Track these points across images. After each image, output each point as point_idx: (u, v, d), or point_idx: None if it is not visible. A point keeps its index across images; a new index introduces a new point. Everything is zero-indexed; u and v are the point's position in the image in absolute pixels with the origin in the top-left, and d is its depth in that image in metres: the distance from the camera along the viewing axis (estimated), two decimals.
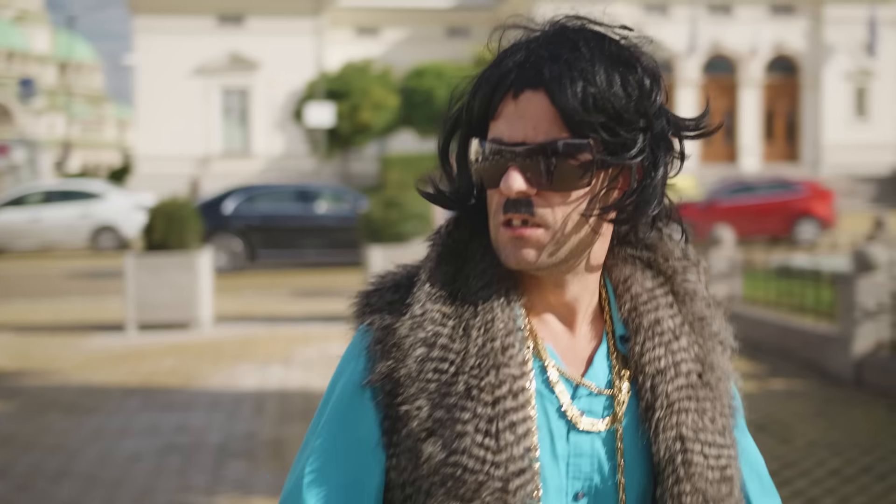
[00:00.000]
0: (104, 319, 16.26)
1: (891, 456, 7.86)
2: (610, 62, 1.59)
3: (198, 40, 54.59)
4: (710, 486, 1.66)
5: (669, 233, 1.78)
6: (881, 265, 10.42)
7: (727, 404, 1.72)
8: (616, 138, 1.58)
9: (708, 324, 1.74)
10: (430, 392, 1.60)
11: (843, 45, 53.95)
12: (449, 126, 1.72)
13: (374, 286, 1.74)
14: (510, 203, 1.60)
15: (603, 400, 1.69)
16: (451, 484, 1.58)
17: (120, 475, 7.72)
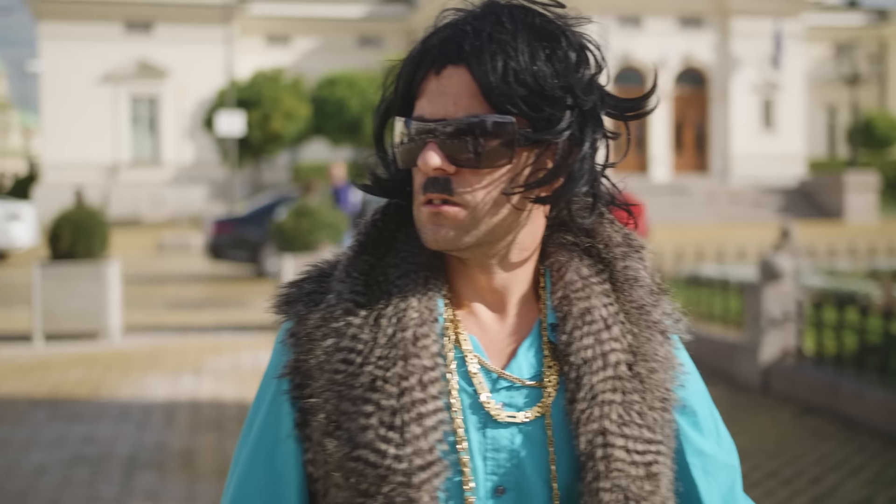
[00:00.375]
0: (9, 330, 15.98)
1: (796, 461, 7.99)
2: (534, 36, 1.54)
3: (105, 47, 54.00)
4: (633, 483, 1.59)
5: (612, 218, 1.72)
6: (787, 274, 10.60)
7: (660, 397, 1.65)
8: (539, 114, 1.53)
9: (647, 312, 1.68)
10: (338, 384, 1.56)
11: (750, 57, 54.88)
12: (382, 110, 1.66)
13: (296, 277, 1.71)
14: (429, 182, 1.56)
15: (526, 391, 1.63)
16: (353, 479, 1.54)
17: (26, 487, 7.59)
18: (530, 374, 1.64)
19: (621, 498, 1.58)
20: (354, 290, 1.61)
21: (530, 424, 1.62)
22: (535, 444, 1.62)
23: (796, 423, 9.23)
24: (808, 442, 8.55)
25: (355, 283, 1.62)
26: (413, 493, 1.52)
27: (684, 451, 1.71)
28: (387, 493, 1.52)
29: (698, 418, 1.74)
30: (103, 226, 15.33)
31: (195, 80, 53.65)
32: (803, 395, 9.89)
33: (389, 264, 1.63)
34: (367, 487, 1.53)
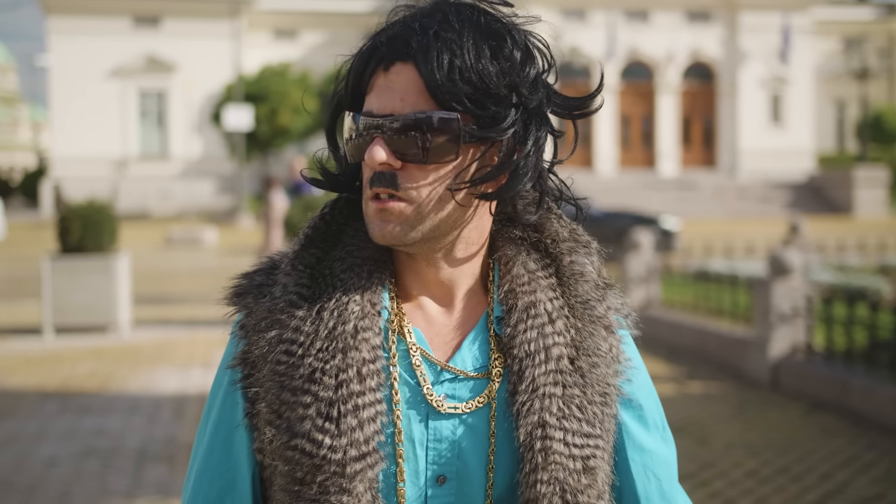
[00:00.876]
0: (19, 323, 16.02)
1: (806, 457, 7.98)
2: (480, 35, 1.57)
3: (113, 42, 54.03)
4: (570, 475, 1.61)
5: (560, 214, 1.76)
6: (796, 269, 10.58)
7: (600, 391, 1.67)
8: (484, 111, 1.56)
9: (591, 307, 1.70)
10: (280, 374, 1.60)
11: (758, 51, 54.81)
12: (334, 105, 1.70)
13: (248, 269, 1.75)
14: (376, 176, 1.58)
15: (470, 384, 1.65)
16: (288, 468, 1.58)
17: (36, 480, 7.61)
18: (474, 367, 1.66)
19: (558, 490, 1.61)
20: (299, 282, 1.64)
21: (472, 415, 1.64)
22: (478, 434, 1.64)
23: (806, 419, 9.22)
24: (818, 438, 8.55)
25: (300, 275, 1.65)
26: (346, 483, 1.56)
27: (625, 446, 1.73)
28: (321, 482, 1.57)
29: (644, 412, 1.75)
30: (112, 220, 15.34)
31: (203, 74, 53.68)
32: (813, 390, 9.88)
33: (336, 258, 1.67)
34: (302, 476, 1.57)
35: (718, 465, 7.74)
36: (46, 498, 7.20)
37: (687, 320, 13.16)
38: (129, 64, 54.57)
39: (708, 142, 56.01)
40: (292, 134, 47.82)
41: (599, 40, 52.05)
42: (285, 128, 47.05)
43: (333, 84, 1.71)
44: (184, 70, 54.52)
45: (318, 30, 57.74)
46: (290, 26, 57.64)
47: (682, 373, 11.32)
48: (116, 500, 7.19)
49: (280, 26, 57.53)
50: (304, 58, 55.43)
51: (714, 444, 8.30)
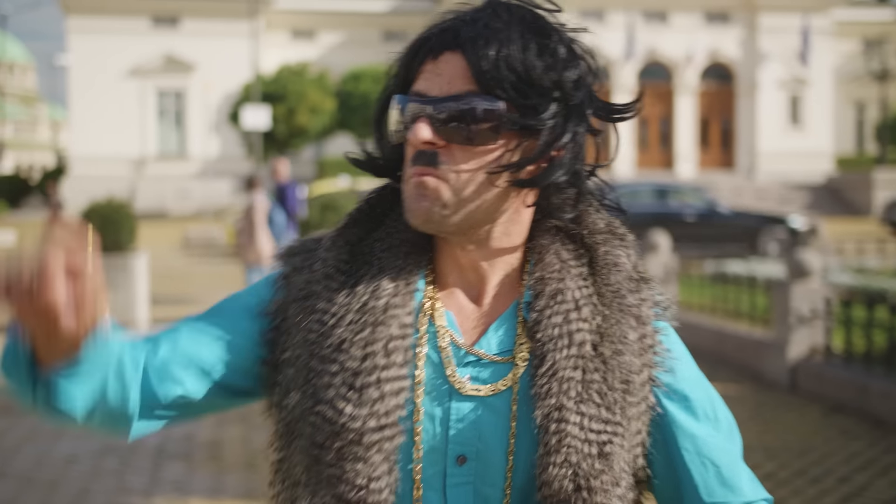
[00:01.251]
0: None
1: (824, 459, 7.96)
2: (527, 30, 1.63)
3: (132, 41, 54.18)
4: (584, 459, 1.62)
5: (598, 208, 1.79)
6: (815, 271, 10.56)
7: (622, 379, 1.68)
8: (526, 101, 1.61)
9: (622, 296, 1.72)
10: (310, 343, 1.66)
11: (777, 53, 54.66)
12: (383, 97, 1.75)
13: (302, 238, 1.82)
14: (418, 154, 1.64)
15: (494, 367, 1.69)
16: (310, 431, 1.63)
17: (56, 476, 7.64)
18: (498, 351, 1.70)
19: (570, 474, 1.62)
20: (339, 257, 1.71)
21: (494, 398, 1.68)
22: (499, 417, 1.67)
23: (824, 421, 9.20)
24: (837, 441, 8.52)
25: (340, 251, 1.72)
26: (362, 452, 1.60)
27: (675, 437, 1.75)
28: (337, 448, 1.61)
29: (691, 402, 1.76)
30: (131, 219, 15.41)
31: (221, 74, 53.78)
32: (832, 393, 9.85)
33: (376, 238, 1.73)
34: (322, 440, 1.62)
35: None
36: (66, 494, 7.23)
37: (705, 322, 13.12)
38: (147, 63, 54.73)
39: (726, 143, 55.89)
40: (310, 134, 47.87)
41: (618, 41, 52.01)
42: (303, 128, 47.10)
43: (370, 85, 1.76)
44: (202, 70, 54.64)
45: (337, 30, 57.79)
46: (308, 26, 57.72)
47: None
48: (134, 497, 7.21)
49: (298, 26, 57.60)
50: (322, 58, 55.49)
51: None
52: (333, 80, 48.75)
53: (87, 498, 7.17)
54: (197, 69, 54.81)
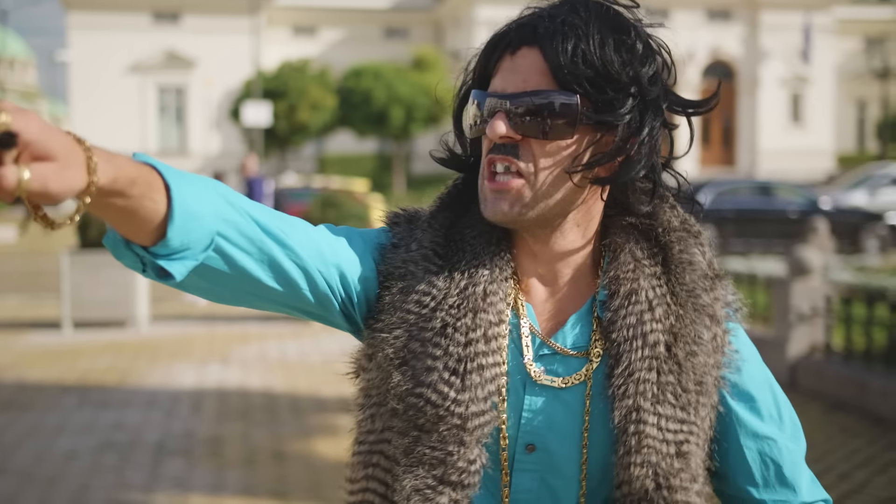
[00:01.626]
0: (39, 317, 16.08)
1: (824, 457, 7.96)
2: (605, 25, 1.65)
3: (133, 37, 54.15)
4: (663, 459, 1.66)
5: (673, 204, 1.80)
6: (816, 269, 10.55)
7: (696, 379, 1.71)
8: (603, 96, 1.63)
9: (697, 296, 1.74)
10: (410, 324, 1.67)
11: (779, 50, 54.58)
12: (462, 92, 1.77)
13: (403, 210, 1.82)
14: (495, 147, 1.65)
15: (568, 360, 1.72)
16: (412, 413, 1.65)
17: (56, 472, 7.64)
18: (574, 345, 1.73)
19: (650, 473, 1.66)
20: (434, 240, 1.72)
21: (567, 391, 1.71)
22: (571, 410, 1.71)
23: (824, 418, 9.19)
24: (837, 438, 8.52)
25: (436, 234, 1.73)
26: (466, 437, 1.64)
27: (738, 435, 1.79)
28: (441, 432, 1.64)
29: (756, 403, 1.80)
30: None
31: (222, 70, 53.76)
32: (831, 390, 9.85)
33: (465, 225, 1.74)
34: (424, 422, 1.64)
35: None
36: (66, 490, 7.23)
37: None
38: (148, 59, 54.70)
39: (727, 141, 55.84)
40: (311, 130, 47.82)
41: None
42: (304, 124, 47.05)
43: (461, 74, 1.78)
44: (203, 66, 54.61)
45: (338, 26, 57.76)
46: (309, 23, 57.68)
47: None
48: (134, 493, 7.21)
49: (299, 23, 57.57)
50: (324, 54, 55.45)
51: None
52: (334, 77, 48.69)
53: (87, 494, 7.17)
54: (198, 65, 54.78)
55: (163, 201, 1.43)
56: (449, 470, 1.64)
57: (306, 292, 1.67)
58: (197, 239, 1.49)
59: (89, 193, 1.30)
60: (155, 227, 1.44)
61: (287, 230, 1.62)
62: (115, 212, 1.39)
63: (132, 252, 1.47)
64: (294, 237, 1.63)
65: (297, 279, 1.64)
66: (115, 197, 1.37)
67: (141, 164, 1.42)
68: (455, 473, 1.64)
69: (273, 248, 1.60)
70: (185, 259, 1.49)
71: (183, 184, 1.46)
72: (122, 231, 1.44)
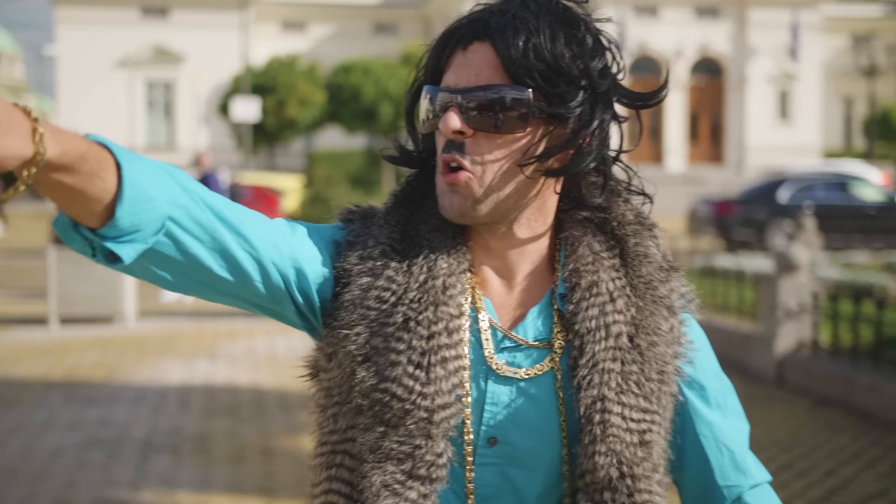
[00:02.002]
0: (26, 313, 16.04)
1: (811, 453, 7.98)
2: (555, 19, 1.66)
3: (121, 32, 54.02)
4: (627, 448, 1.68)
5: (627, 198, 1.81)
6: (803, 266, 10.57)
7: (658, 369, 1.73)
8: (555, 89, 1.65)
9: (654, 287, 1.76)
10: (371, 320, 1.67)
11: (767, 48, 54.68)
12: (414, 88, 1.78)
13: (356, 207, 1.82)
14: (448, 143, 1.66)
15: (531, 353, 1.73)
16: (378, 409, 1.65)
17: (42, 469, 7.62)
18: (536, 338, 1.74)
19: (615, 462, 1.68)
20: (391, 235, 1.72)
21: (531, 383, 1.72)
22: (536, 402, 1.72)
23: (811, 415, 9.21)
24: (823, 434, 8.54)
25: (392, 229, 1.73)
26: (433, 430, 1.64)
27: (694, 423, 1.82)
28: (408, 426, 1.64)
29: (707, 391, 1.82)
30: None
31: (211, 65, 53.67)
32: (818, 387, 9.87)
33: (420, 220, 1.74)
34: (390, 417, 1.64)
35: None
36: (51, 488, 7.21)
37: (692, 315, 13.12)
38: (136, 54, 54.58)
39: (715, 137, 55.92)
40: (299, 126, 47.76)
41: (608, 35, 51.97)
42: (293, 120, 46.98)
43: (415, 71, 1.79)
44: (192, 61, 54.51)
45: (327, 22, 57.70)
46: (298, 18, 57.61)
47: None
48: (121, 490, 7.19)
49: (288, 18, 57.50)
50: (312, 50, 55.39)
51: None
52: (323, 73, 48.63)
53: (73, 491, 7.15)
54: (186, 60, 54.68)
55: (113, 181, 1.43)
56: (417, 464, 1.64)
57: (258, 284, 1.66)
58: (147, 221, 1.48)
59: (35, 164, 1.31)
60: (104, 207, 1.43)
61: (242, 220, 1.62)
62: (64, 190, 1.39)
63: (81, 235, 1.48)
64: (249, 227, 1.62)
65: (249, 270, 1.63)
66: (64, 173, 1.37)
67: (92, 143, 1.43)
68: (423, 467, 1.64)
69: (226, 237, 1.59)
70: (134, 242, 1.48)
71: (135, 164, 1.47)
72: (71, 212, 1.44)
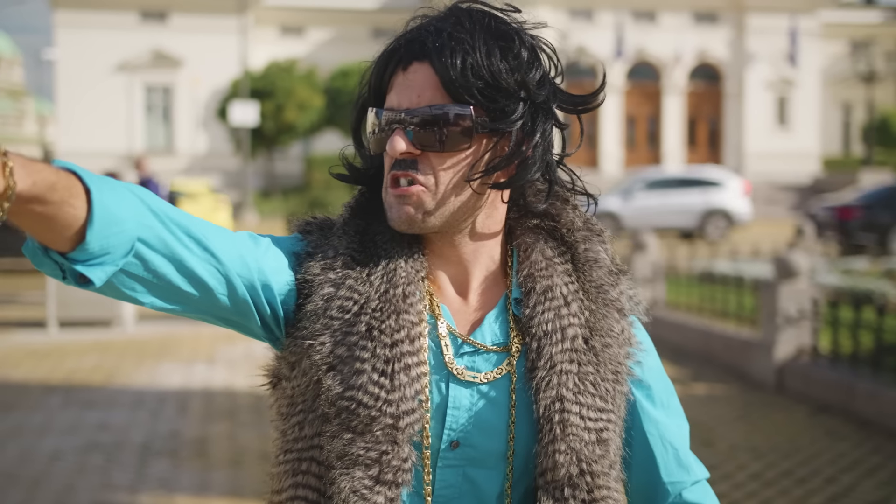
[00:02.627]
0: (24, 316, 16.03)
1: (811, 460, 7.97)
2: (490, 36, 1.71)
3: (120, 36, 54.00)
4: (586, 446, 1.74)
5: (575, 205, 1.87)
6: (803, 272, 10.57)
7: (612, 370, 1.79)
8: (495, 105, 1.69)
9: (605, 291, 1.82)
10: (334, 329, 1.71)
11: (766, 54, 54.69)
12: (359, 106, 1.84)
13: (313, 218, 1.85)
14: (396, 162, 1.71)
15: (489, 357, 1.78)
16: (344, 416, 1.69)
17: (40, 473, 7.61)
18: (494, 342, 1.79)
19: (574, 459, 1.74)
20: (350, 245, 1.76)
21: (490, 386, 1.77)
22: (495, 405, 1.77)
23: (811, 422, 9.20)
24: (823, 441, 8.53)
25: (351, 240, 1.77)
26: (399, 435, 1.68)
27: (641, 421, 1.88)
28: (375, 433, 1.68)
29: (652, 391, 1.89)
30: None
31: (209, 69, 53.65)
32: (818, 394, 9.86)
33: (377, 231, 1.78)
34: (356, 424, 1.68)
35: (723, 467, 7.72)
36: (50, 491, 7.20)
37: (692, 321, 13.14)
38: (135, 58, 54.55)
39: (713, 143, 55.92)
40: (298, 130, 47.81)
41: (607, 40, 51.98)
42: (291, 124, 47.02)
43: (358, 83, 1.86)
44: (190, 65, 54.49)
45: (325, 26, 57.67)
46: (296, 23, 57.58)
47: (687, 374, 11.30)
48: (120, 494, 7.18)
49: (287, 23, 57.47)
50: (311, 54, 55.36)
51: (719, 447, 8.29)
52: (322, 77, 48.66)
53: (72, 495, 7.14)
54: (185, 64, 54.66)
55: (83, 207, 1.46)
56: (384, 469, 1.68)
57: (225, 298, 1.69)
58: (117, 244, 1.51)
59: (6, 198, 1.34)
60: (74, 232, 1.47)
61: (208, 235, 1.65)
62: (34, 218, 1.43)
63: (51, 259, 1.51)
64: (215, 243, 1.66)
65: (215, 285, 1.66)
66: (34, 203, 1.40)
67: (61, 170, 1.45)
68: (390, 472, 1.68)
69: (194, 254, 1.63)
70: (104, 265, 1.52)
71: (104, 189, 1.49)
72: (41, 238, 1.48)
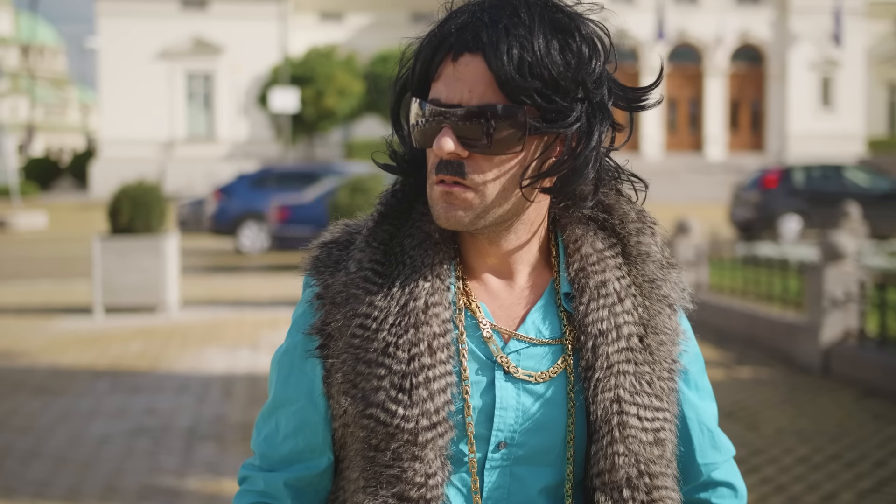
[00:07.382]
0: (71, 302, 16.16)
1: (859, 444, 7.91)
2: (549, 29, 1.60)
3: (161, 24, 54.29)
4: (644, 447, 1.71)
5: (628, 197, 1.81)
6: (849, 254, 10.48)
7: (667, 367, 1.76)
8: (551, 105, 1.60)
9: (657, 286, 1.78)
10: (355, 347, 1.69)
11: (809, 34, 54.23)
12: (398, 89, 1.76)
13: (324, 240, 1.81)
14: (442, 164, 1.63)
15: (542, 351, 1.73)
16: (364, 434, 1.68)
17: (89, 457, 7.67)
18: (547, 335, 1.74)
19: (633, 461, 1.71)
20: (373, 258, 1.72)
21: (546, 385, 1.73)
22: (550, 404, 1.73)
23: (858, 405, 9.13)
24: (871, 425, 8.46)
25: (374, 252, 1.72)
26: (418, 451, 1.65)
27: (683, 406, 1.84)
28: (394, 449, 1.66)
29: (689, 376, 1.85)
30: (161, 200, 15.44)
31: (249, 56, 53.83)
32: (865, 377, 9.79)
33: (406, 234, 1.73)
34: (377, 442, 1.67)
35: (769, 451, 7.68)
36: (99, 475, 7.26)
37: (736, 305, 13.06)
38: (176, 46, 54.83)
39: (756, 126, 55.58)
40: (338, 116, 47.91)
41: (648, 23, 51.74)
42: (331, 110, 47.13)
43: (397, 67, 1.77)
44: (230, 52, 54.70)
45: (365, 12, 57.72)
46: (336, 8, 57.66)
47: (731, 358, 11.24)
48: (168, 478, 7.23)
49: (326, 8, 57.56)
50: (351, 40, 55.44)
51: (764, 430, 8.24)
52: (361, 63, 48.72)
53: (120, 478, 7.20)
54: (225, 51, 54.87)
55: None
56: (407, 486, 1.66)
57: None
58: None
59: None
60: None
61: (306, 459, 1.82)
62: None
63: None
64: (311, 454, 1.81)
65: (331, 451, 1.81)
66: None
67: None
68: (413, 489, 1.66)
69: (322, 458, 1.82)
70: None
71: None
72: None
